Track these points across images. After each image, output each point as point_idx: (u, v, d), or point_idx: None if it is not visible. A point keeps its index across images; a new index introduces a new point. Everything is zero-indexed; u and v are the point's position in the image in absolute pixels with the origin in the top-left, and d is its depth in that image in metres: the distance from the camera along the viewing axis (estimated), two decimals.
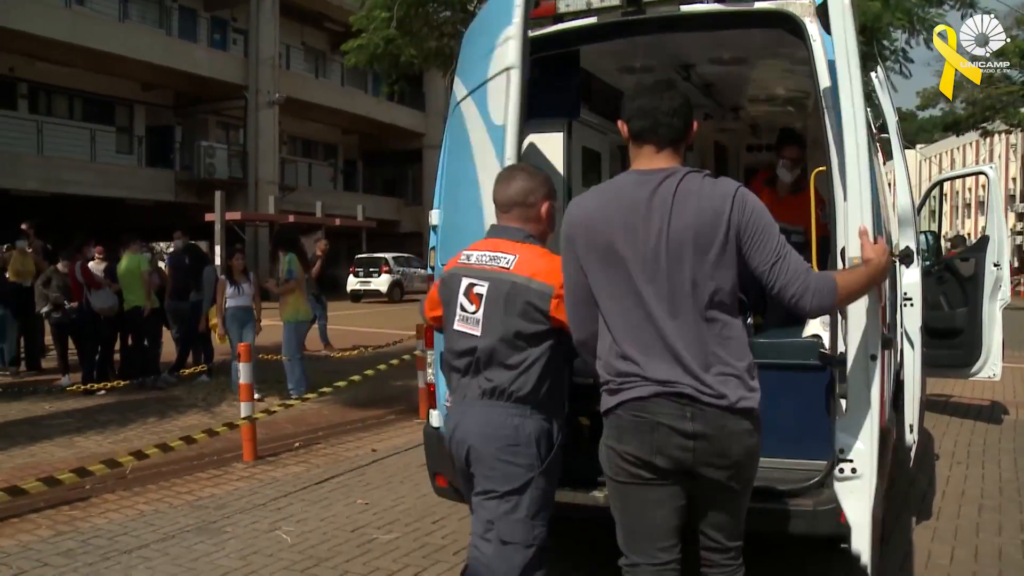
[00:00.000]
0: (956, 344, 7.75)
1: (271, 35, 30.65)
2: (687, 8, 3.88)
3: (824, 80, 3.37)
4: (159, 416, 8.62)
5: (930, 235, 8.57)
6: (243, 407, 6.93)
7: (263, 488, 6.02)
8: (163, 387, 10.14)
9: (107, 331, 10.55)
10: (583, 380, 3.19)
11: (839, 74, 2.83)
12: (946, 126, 34.32)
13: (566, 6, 4.15)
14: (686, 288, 2.47)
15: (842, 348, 3.16)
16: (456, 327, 2.96)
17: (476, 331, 2.89)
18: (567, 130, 4.91)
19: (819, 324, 3.84)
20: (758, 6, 3.77)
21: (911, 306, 4.76)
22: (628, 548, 2.61)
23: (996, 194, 8.09)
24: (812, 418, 3.66)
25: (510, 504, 2.84)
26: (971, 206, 72.24)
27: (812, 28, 3.49)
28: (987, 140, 50.68)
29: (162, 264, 13.10)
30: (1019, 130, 31.02)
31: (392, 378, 9.67)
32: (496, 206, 3.04)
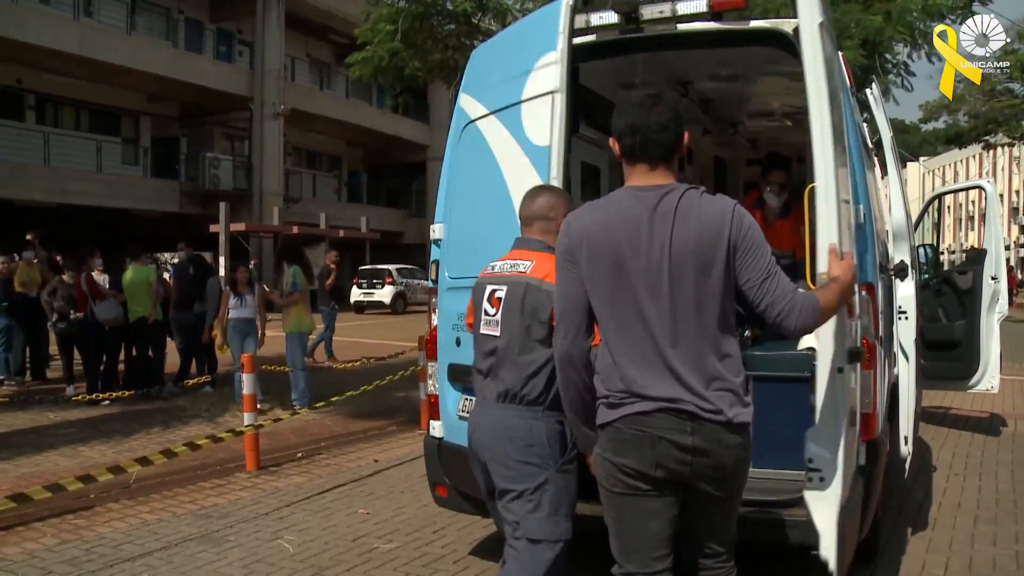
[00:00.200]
0: (954, 356, 7.80)
1: (276, 47, 30.83)
2: (684, 27, 3.96)
3: None
4: (163, 426, 8.68)
5: (929, 248, 8.64)
6: (246, 417, 6.99)
7: (266, 498, 6.08)
8: (167, 398, 10.20)
9: (112, 342, 10.62)
10: None
11: (809, 94, 2.87)
12: (949, 139, 34.37)
13: None
14: (688, 304, 2.51)
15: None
16: (481, 331, 3.17)
17: (496, 332, 3.09)
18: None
19: (813, 337, 3.90)
20: (753, 24, 3.87)
21: (906, 319, 4.82)
22: (622, 557, 2.65)
23: (993, 207, 8.15)
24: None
25: (532, 503, 2.98)
26: (974, 219, 72.28)
27: None
28: (990, 153, 50.83)
29: (166, 275, 13.19)
30: (1021, 143, 31.01)
31: (394, 389, 9.71)
32: (520, 220, 3.24)
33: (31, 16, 23.43)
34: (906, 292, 4.86)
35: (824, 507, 3.00)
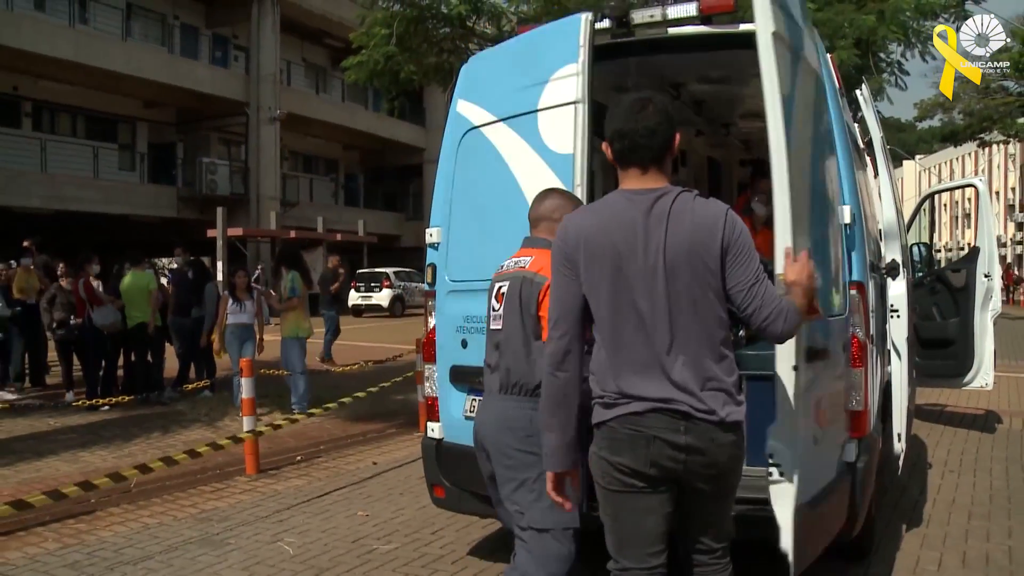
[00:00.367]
0: (949, 354, 7.85)
1: (272, 52, 30.85)
2: (675, 31, 4.03)
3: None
4: (163, 431, 8.71)
5: (923, 247, 8.69)
6: (246, 421, 7.03)
7: (265, 501, 6.12)
8: (166, 402, 10.23)
9: (111, 347, 10.64)
10: None
11: (766, 100, 2.88)
12: (944, 137, 34.43)
13: None
14: (684, 305, 2.55)
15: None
16: (490, 326, 3.28)
17: (499, 326, 3.21)
18: None
19: None
20: (743, 28, 3.91)
21: (897, 318, 4.87)
22: (619, 553, 2.68)
23: (986, 205, 8.21)
24: None
25: (534, 493, 3.03)
26: (970, 216, 72.39)
27: None
28: (985, 150, 50.92)
29: (163, 280, 13.22)
30: (1016, 140, 31.10)
31: (393, 392, 9.75)
32: (529, 222, 3.35)
33: (27, 23, 23.48)
34: (898, 291, 4.90)
35: (783, 501, 3.05)
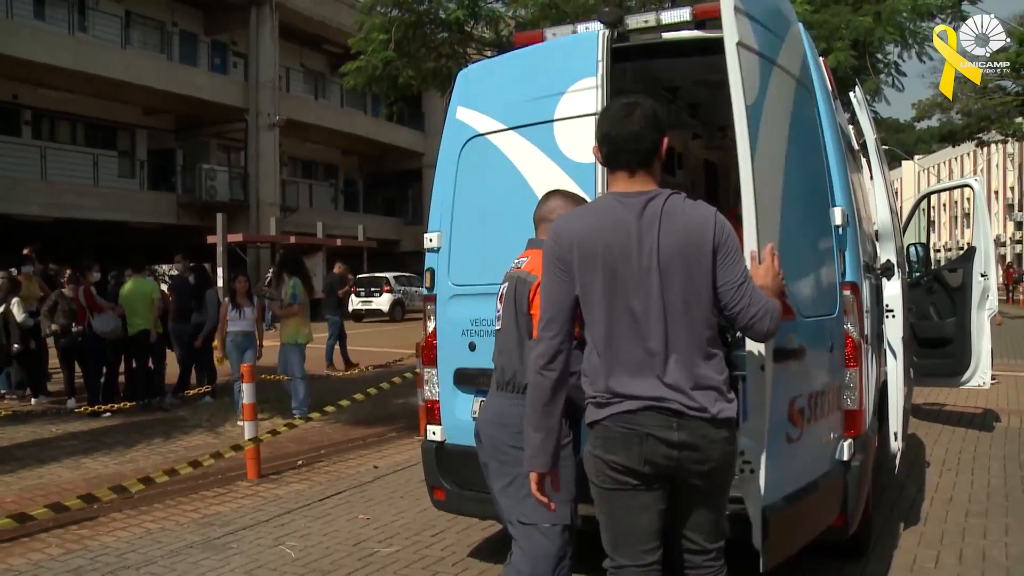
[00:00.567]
0: (946, 353, 7.88)
1: (270, 58, 30.92)
2: (668, 35, 4.07)
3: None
4: (164, 437, 8.74)
5: (919, 247, 8.72)
6: (247, 427, 7.06)
7: (267, 505, 6.15)
8: (168, 408, 10.26)
9: (111, 354, 10.68)
10: None
11: (733, 107, 2.96)
12: (942, 137, 34.47)
13: (552, 35, 4.35)
14: (677, 306, 2.59)
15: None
16: (496, 328, 3.33)
17: (500, 324, 3.27)
18: None
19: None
20: None
21: (893, 317, 4.90)
22: (614, 551, 2.72)
23: (981, 206, 8.25)
24: None
25: (524, 489, 3.00)
26: (969, 216, 72.40)
27: None
28: (984, 150, 50.99)
29: (163, 287, 13.24)
30: (1015, 140, 31.15)
31: (393, 396, 9.79)
32: (534, 223, 3.38)
33: (26, 32, 23.54)
34: (893, 291, 4.93)
35: (753, 496, 3.10)
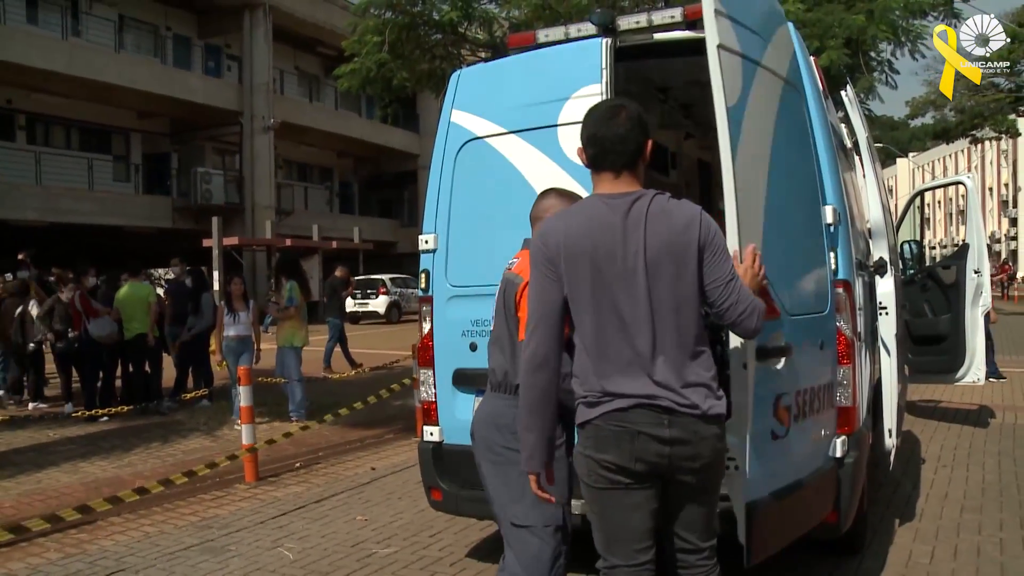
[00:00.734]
0: (941, 350, 7.91)
1: (265, 61, 30.91)
2: (660, 36, 4.09)
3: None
4: (162, 441, 8.75)
5: (913, 244, 8.75)
6: (244, 430, 7.07)
7: (265, 507, 6.16)
8: (165, 412, 10.25)
9: (108, 358, 10.67)
10: None
11: (716, 108, 2.98)
12: (936, 134, 34.52)
13: (545, 36, 4.37)
14: (666, 305, 2.61)
15: None
16: (492, 328, 3.32)
17: (493, 324, 3.26)
18: None
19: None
20: None
21: (886, 315, 4.93)
22: (607, 550, 2.73)
23: (974, 203, 8.29)
24: None
25: (517, 490, 3.03)
26: (964, 213, 72.58)
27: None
28: (978, 147, 51.12)
29: (159, 291, 13.25)
30: (1008, 136, 31.21)
31: (390, 398, 9.79)
32: (530, 221, 3.36)
33: (19, 36, 23.54)
34: (886, 288, 4.96)
35: (736, 493, 3.13)
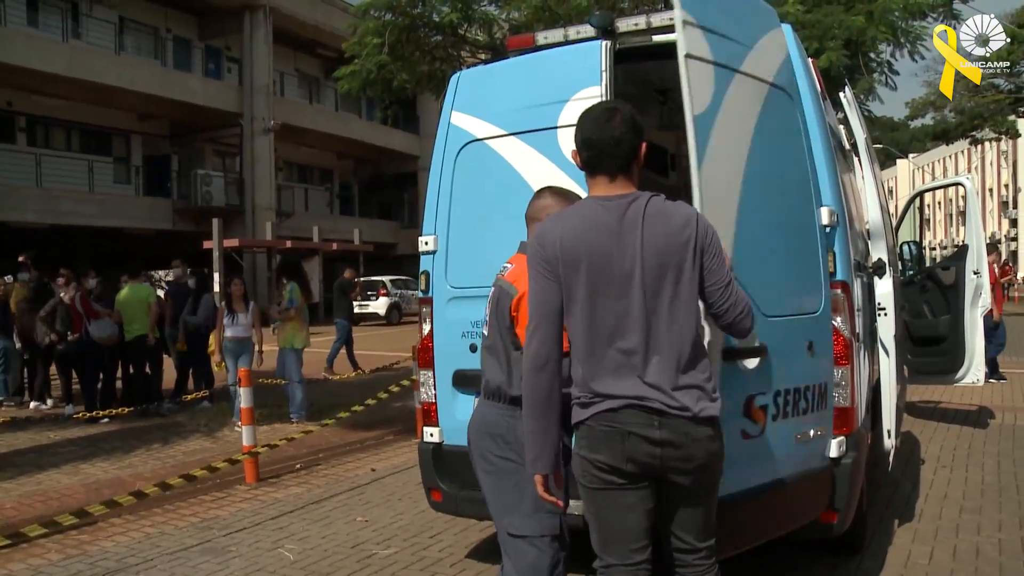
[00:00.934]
0: (940, 351, 7.92)
1: (265, 63, 30.91)
2: (659, 38, 4.10)
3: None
4: (163, 442, 8.76)
5: (913, 245, 8.75)
6: (245, 431, 7.08)
7: (265, 508, 6.17)
8: (165, 414, 10.26)
9: (108, 360, 10.68)
10: None
11: (685, 115, 3.06)
12: (935, 135, 34.51)
13: (544, 38, 4.39)
14: (662, 308, 2.62)
15: None
16: (483, 331, 3.29)
17: (487, 331, 3.23)
18: None
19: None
20: None
21: (885, 316, 4.94)
22: (603, 550, 2.74)
23: (973, 204, 8.30)
24: None
25: (512, 500, 3.03)
26: (964, 214, 72.57)
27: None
28: (978, 148, 51.12)
29: (160, 292, 13.25)
30: (1008, 137, 31.23)
31: (391, 399, 9.79)
32: (525, 220, 3.33)
33: (20, 39, 23.55)
34: (885, 289, 4.97)
35: None
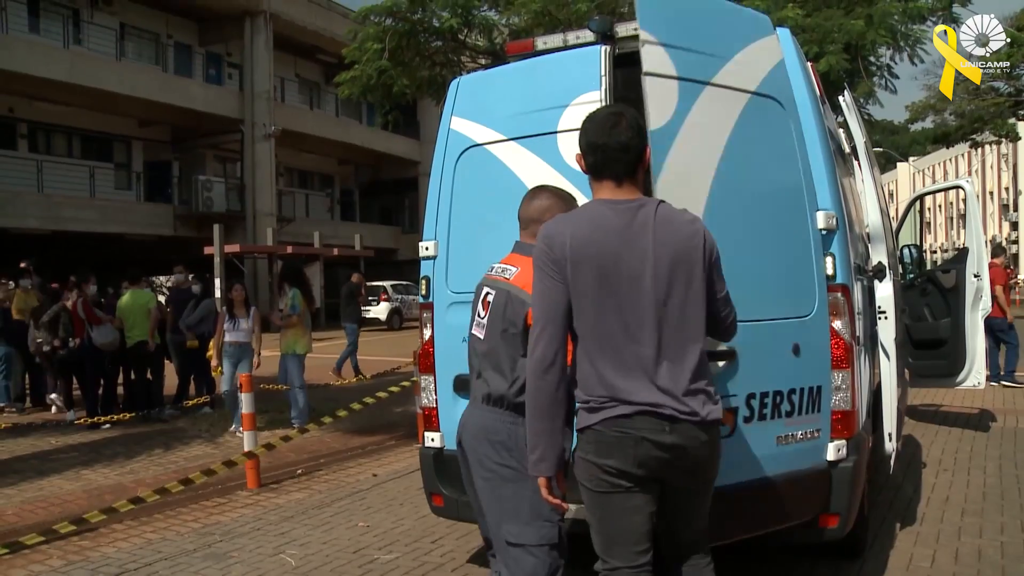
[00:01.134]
0: (941, 354, 7.91)
1: (265, 68, 30.97)
2: None
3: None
4: (164, 448, 8.76)
5: (913, 248, 8.75)
6: (246, 436, 7.08)
7: (267, 514, 6.17)
8: (167, 419, 10.27)
9: (109, 365, 10.69)
10: None
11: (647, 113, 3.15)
12: (936, 138, 34.47)
13: (544, 44, 4.40)
14: (672, 312, 2.63)
15: None
16: (472, 331, 3.22)
17: (482, 335, 3.16)
18: None
19: None
20: None
21: (885, 319, 4.93)
22: (607, 553, 2.74)
23: (973, 207, 8.30)
24: None
25: (511, 507, 3.01)
26: (965, 217, 72.49)
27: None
28: (978, 151, 51.09)
29: (161, 298, 13.25)
30: (1008, 140, 31.23)
31: (392, 405, 9.81)
32: (519, 222, 3.30)
33: (21, 45, 23.60)
34: (885, 292, 4.96)
35: None
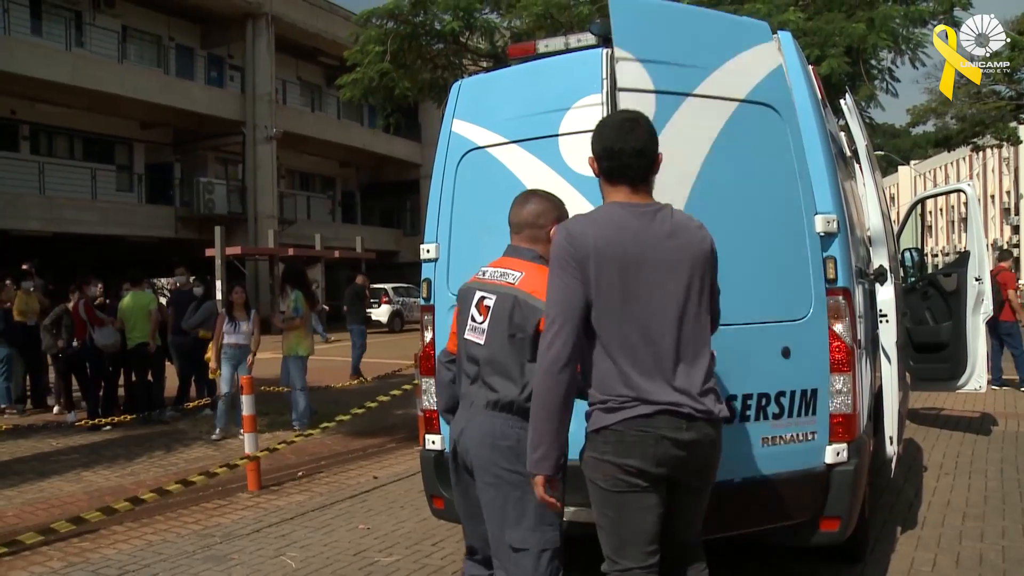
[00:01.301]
0: (942, 358, 7.91)
1: (267, 71, 31.02)
2: None
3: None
4: (165, 449, 8.77)
5: (914, 252, 8.75)
6: (247, 439, 7.08)
7: (267, 516, 6.17)
8: (168, 421, 10.27)
9: (110, 367, 10.70)
10: None
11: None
12: (937, 142, 34.43)
13: (545, 47, 4.40)
14: (687, 314, 2.68)
15: None
16: (466, 336, 3.18)
17: (481, 340, 3.11)
18: None
19: None
20: None
21: (886, 322, 4.93)
22: (618, 553, 2.72)
23: (975, 210, 8.30)
24: None
25: (516, 513, 2.99)
26: (967, 220, 72.44)
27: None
28: (979, 154, 51.05)
29: (162, 300, 13.26)
30: (1010, 144, 31.23)
31: (393, 407, 9.79)
32: (510, 227, 3.27)
33: (23, 48, 23.66)
34: (886, 296, 4.96)
35: None
